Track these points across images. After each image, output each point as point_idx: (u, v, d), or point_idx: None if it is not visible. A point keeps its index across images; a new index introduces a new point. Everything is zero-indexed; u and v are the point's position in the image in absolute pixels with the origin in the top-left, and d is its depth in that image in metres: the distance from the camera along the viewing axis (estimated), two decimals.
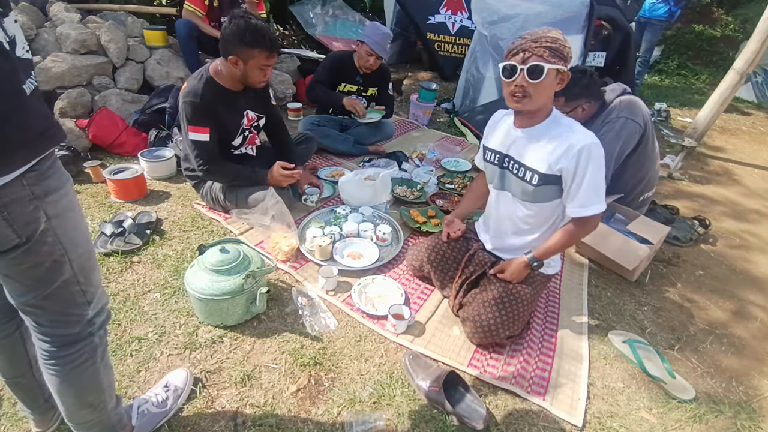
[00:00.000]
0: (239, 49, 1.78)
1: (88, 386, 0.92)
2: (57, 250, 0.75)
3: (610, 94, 2.20)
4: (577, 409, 1.37)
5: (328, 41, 4.65)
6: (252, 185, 2.04)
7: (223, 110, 1.93)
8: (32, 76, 0.67)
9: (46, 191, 0.70)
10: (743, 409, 1.49)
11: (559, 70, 1.28)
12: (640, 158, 2.22)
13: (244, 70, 1.84)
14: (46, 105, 0.71)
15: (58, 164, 0.75)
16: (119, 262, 1.75)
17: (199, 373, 1.35)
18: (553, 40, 1.25)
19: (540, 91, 1.29)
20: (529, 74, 1.26)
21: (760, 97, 6.24)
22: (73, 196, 0.78)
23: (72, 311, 0.84)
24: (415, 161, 2.96)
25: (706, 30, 7.90)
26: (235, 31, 1.74)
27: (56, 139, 0.71)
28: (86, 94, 2.70)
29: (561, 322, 1.74)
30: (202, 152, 1.91)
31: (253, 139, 2.20)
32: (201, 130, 1.87)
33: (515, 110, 1.41)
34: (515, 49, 1.29)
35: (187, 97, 1.83)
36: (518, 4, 3.38)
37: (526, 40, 1.27)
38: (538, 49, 1.24)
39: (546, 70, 1.24)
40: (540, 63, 1.24)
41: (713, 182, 3.48)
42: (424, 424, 1.28)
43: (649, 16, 5.03)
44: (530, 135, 1.41)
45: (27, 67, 0.67)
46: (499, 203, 1.60)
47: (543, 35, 1.26)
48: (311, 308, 1.62)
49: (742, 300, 2.09)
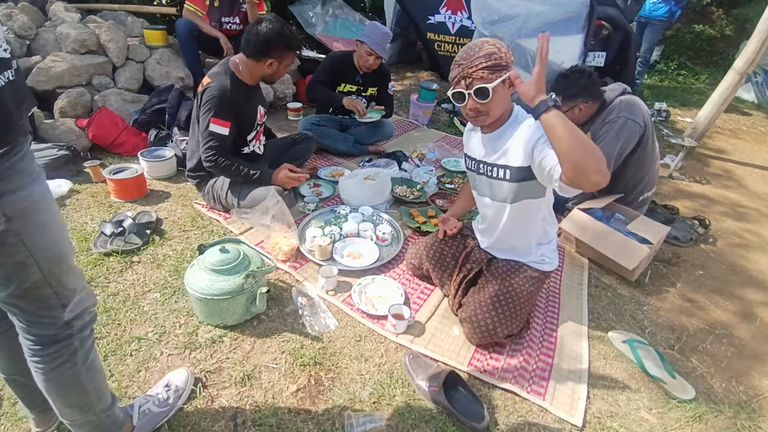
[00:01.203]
0: (278, 52, 1.89)
1: (70, 387, 0.92)
2: (20, 252, 0.74)
3: (610, 94, 2.21)
4: (577, 409, 1.37)
5: (328, 41, 4.65)
6: (256, 183, 2.04)
7: (245, 105, 2.00)
8: (4, 73, 0.66)
9: (2, 192, 0.69)
10: (743, 409, 1.49)
11: (504, 80, 1.31)
12: (640, 158, 2.22)
13: (276, 70, 1.96)
14: (8, 104, 0.68)
15: (21, 165, 0.72)
16: (119, 262, 1.75)
17: (200, 373, 1.35)
18: (488, 57, 1.27)
19: (493, 107, 1.34)
20: (477, 97, 1.32)
21: (760, 97, 6.23)
22: (40, 199, 0.76)
23: (45, 313, 0.83)
24: (415, 161, 2.96)
25: (706, 30, 7.91)
26: (274, 36, 1.85)
27: (4, 141, 0.68)
28: (86, 94, 2.70)
29: (561, 321, 1.74)
30: (217, 144, 1.93)
31: (260, 134, 2.24)
32: (223, 123, 1.91)
33: (476, 126, 1.47)
34: (457, 76, 1.34)
35: (216, 90, 1.87)
36: (518, 4, 3.38)
37: (463, 66, 1.31)
38: (477, 72, 1.29)
39: (491, 89, 1.29)
40: (483, 85, 1.29)
41: (713, 182, 3.48)
42: (424, 424, 1.28)
43: (649, 16, 5.04)
44: (497, 137, 1.45)
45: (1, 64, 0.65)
46: (484, 207, 1.63)
47: (476, 56, 1.28)
48: (311, 308, 1.62)
49: (742, 300, 2.09)
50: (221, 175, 2.07)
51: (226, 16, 3.17)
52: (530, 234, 1.56)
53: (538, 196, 1.45)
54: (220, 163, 1.95)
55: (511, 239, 1.59)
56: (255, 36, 1.86)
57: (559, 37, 3.20)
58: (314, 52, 4.35)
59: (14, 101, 0.69)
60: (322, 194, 2.44)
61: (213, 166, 1.96)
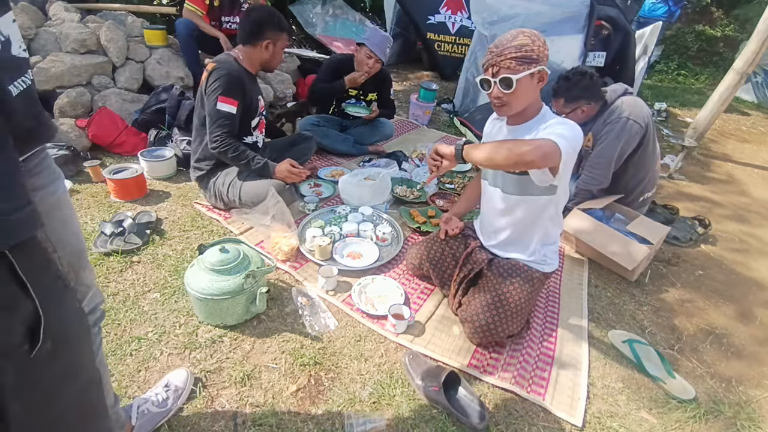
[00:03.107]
0: (271, 32, 1.98)
1: None
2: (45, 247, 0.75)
3: (612, 95, 2.21)
4: (576, 409, 1.37)
5: (328, 41, 4.65)
6: (258, 173, 2.05)
7: (250, 88, 2.05)
8: (27, 75, 0.67)
9: (33, 188, 0.72)
10: (743, 409, 1.49)
11: (533, 73, 1.32)
12: (641, 159, 2.22)
13: (273, 53, 2.03)
14: (38, 103, 0.70)
15: (47, 163, 0.76)
16: (119, 262, 1.75)
17: (199, 373, 1.35)
18: (518, 48, 1.28)
19: (516, 98, 1.35)
20: (502, 86, 1.33)
21: (760, 97, 6.24)
22: (62, 195, 0.79)
23: None
24: (415, 161, 2.96)
25: (706, 30, 7.91)
26: (265, 17, 1.96)
27: (43, 138, 0.71)
28: (86, 94, 2.69)
29: (561, 322, 1.74)
30: (225, 123, 1.94)
31: (262, 125, 2.26)
32: (231, 101, 1.94)
33: (500, 115, 1.48)
34: (486, 63, 1.36)
35: (224, 70, 1.92)
36: (518, 4, 3.38)
37: (493, 54, 1.33)
38: (505, 62, 1.30)
39: (515, 80, 1.30)
40: (508, 75, 1.30)
41: (713, 182, 3.48)
42: (424, 424, 1.28)
43: (648, 16, 5.05)
44: (519, 132, 1.46)
45: (22, 66, 0.67)
46: (491, 199, 1.62)
47: (507, 46, 1.30)
48: (311, 308, 1.62)
49: (741, 300, 2.10)
50: (225, 159, 2.03)
51: (227, 15, 3.17)
52: (534, 231, 1.56)
53: (548, 194, 1.46)
54: (226, 144, 1.95)
55: (515, 235, 1.58)
56: (248, 23, 1.97)
57: (559, 37, 3.21)
58: (314, 52, 4.35)
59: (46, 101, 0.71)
60: (322, 194, 2.45)
61: (219, 146, 1.95)
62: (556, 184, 1.41)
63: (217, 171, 2.12)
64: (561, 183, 1.43)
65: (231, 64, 1.97)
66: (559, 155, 1.22)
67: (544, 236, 1.58)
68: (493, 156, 1.28)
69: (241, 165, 2.04)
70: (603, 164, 2.18)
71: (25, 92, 0.66)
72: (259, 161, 2.03)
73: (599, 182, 2.23)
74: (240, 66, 2.01)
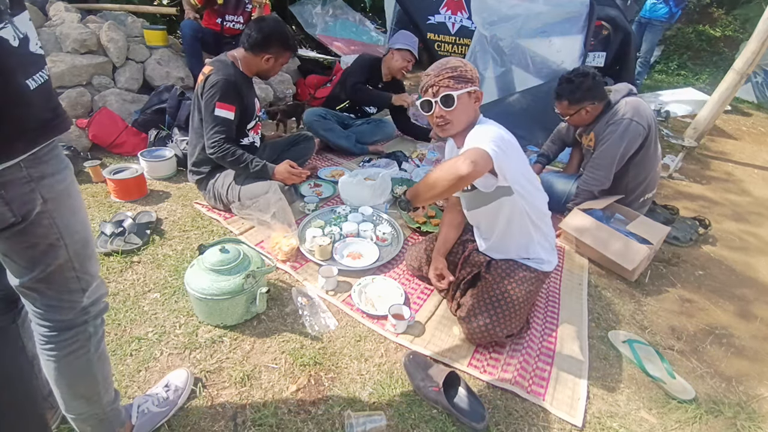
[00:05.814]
0: (276, 49, 2.00)
1: (82, 375, 0.93)
2: (52, 233, 0.77)
3: (616, 95, 2.20)
4: (576, 409, 1.37)
5: (328, 41, 4.65)
6: (257, 175, 2.05)
7: (246, 92, 2.07)
8: (44, 70, 0.71)
9: (43, 175, 0.73)
10: (743, 409, 1.49)
11: (470, 92, 1.38)
12: (642, 160, 2.22)
13: (272, 66, 2.06)
14: (55, 97, 0.74)
15: (57, 151, 0.77)
16: (119, 262, 1.75)
17: (199, 373, 1.35)
18: (453, 69, 1.36)
19: (458, 115, 1.39)
20: (443, 104, 1.37)
21: (760, 98, 6.23)
22: (71, 183, 0.81)
23: (66, 297, 0.85)
24: (415, 161, 2.96)
25: (706, 30, 7.91)
26: (275, 33, 1.97)
27: (58, 129, 0.74)
28: (86, 94, 2.70)
29: (561, 322, 1.74)
30: (223, 129, 1.95)
31: (258, 126, 2.26)
32: (228, 107, 1.95)
33: (444, 136, 1.51)
34: (424, 86, 1.41)
35: (220, 75, 1.92)
36: (518, 4, 3.38)
37: (430, 76, 1.39)
38: (443, 81, 1.36)
39: (456, 96, 1.35)
40: (449, 92, 1.35)
41: (713, 182, 3.48)
42: (424, 424, 1.28)
43: (649, 16, 5.04)
44: None
45: (39, 62, 0.70)
46: (469, 218, 1.69)
47: (443, 67, 1.37)
48: (311, 308, 1.62)
49: (741, 300, 2.09)
50: (223, 164, 2.03)
51: (231, 14, 3.18)
52: (513, 234, 1.55)
53: (504, 195, 1.44)
54: (224, 149, 1.95)
55: (499, 240, 1.60)
56: (256, 31, 1.95)
57: (559, 37, 3.21)
58: (314, 52, 4.35)
59: (55, 95, 0.75)
60: (322, 194, 2.45)
61: (217, 152, 1.95)
62: (507, 184, 1.38)
63: (215, 173, 2.12)
64: (515, 182, 1.39)
65: (228, 68, 1.97)
66: (487, 156, 1.23)
67: (534, 236, 1.55)
68: (434, 186, 1.30)
69: (240, 168, 2.03)
70: (605, 165, 2.18)
71: (42, 86, 0.70)
72: (258, 164, 2.03)
73: (601, 183, 2.22)
74: (237, 69, 2.02)
